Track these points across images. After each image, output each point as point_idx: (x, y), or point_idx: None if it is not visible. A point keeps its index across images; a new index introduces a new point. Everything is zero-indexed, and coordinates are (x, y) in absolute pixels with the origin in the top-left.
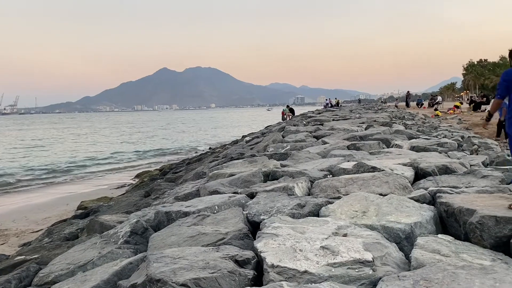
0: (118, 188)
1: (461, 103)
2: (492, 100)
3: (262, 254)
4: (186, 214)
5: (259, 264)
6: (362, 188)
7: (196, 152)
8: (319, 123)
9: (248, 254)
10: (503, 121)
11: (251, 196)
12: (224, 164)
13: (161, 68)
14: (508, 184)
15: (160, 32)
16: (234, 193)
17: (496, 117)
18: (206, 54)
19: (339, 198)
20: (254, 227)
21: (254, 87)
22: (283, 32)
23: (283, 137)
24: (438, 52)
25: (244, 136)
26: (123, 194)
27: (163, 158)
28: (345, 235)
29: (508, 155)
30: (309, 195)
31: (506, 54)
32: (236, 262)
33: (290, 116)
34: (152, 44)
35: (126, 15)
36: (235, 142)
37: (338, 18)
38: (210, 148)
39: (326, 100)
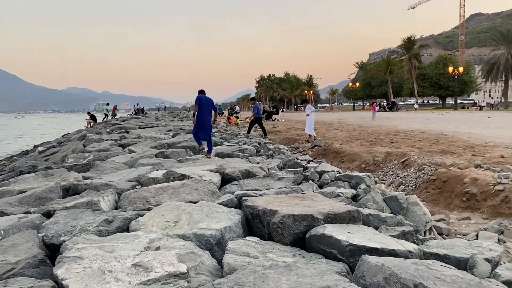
0: None
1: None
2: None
3: (64, 282)
4: None
5: None
6: (173, 197)
7: None
8: (124, 131)
9: (46, 284)
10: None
11: (48, 215)
12: (11, 180)
13: None
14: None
15: None
16: (26, 213)
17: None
18: None
19: (150, 209)
20: (53, 251)
21: (48, 91)
22: (82, 33)
23: (85, 146)
24: (235, 65)
25: (36, 146)
26: None
27: None
28: (158, 248)
29: (294, 157)
30: (117, 208)
31: (290, 71)
32: None
33: (91, 124)
34: None
35: None
36: (25, 153)
37: (141, 25)
38: None
39: (136, 105)
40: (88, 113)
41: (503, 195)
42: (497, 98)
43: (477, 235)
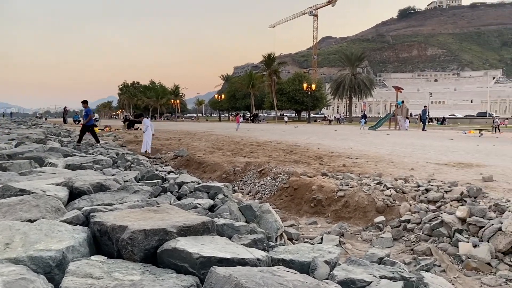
0: None
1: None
2: None
3: None
4: None
5: None
6: (7, 216)
7: None
8: None
9: None
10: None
11: None
12: None
13: None
14: None
15: None
16: None
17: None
18: None
19: None
20: None
21: None
22: None
23: None
24: (96, 70)
25: None
26: None
27: None
28: None
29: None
30: None
31: (156, 79)
32: None
33: None
34: None
35: None
36: None
37: None
38: None
39: None
40: None
41: (344, 200)
42: (343, 113)
43: (321, 238)
